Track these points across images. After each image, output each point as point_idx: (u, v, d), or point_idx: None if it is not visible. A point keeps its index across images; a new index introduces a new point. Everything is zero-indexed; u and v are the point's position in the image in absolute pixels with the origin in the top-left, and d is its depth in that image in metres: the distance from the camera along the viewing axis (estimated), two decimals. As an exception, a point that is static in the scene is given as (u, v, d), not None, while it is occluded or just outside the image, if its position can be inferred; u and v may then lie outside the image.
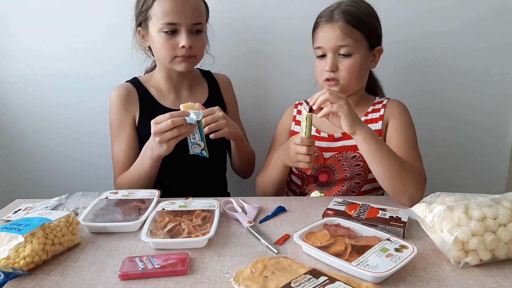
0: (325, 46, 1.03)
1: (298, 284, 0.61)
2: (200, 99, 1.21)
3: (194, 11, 1.07)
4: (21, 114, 1.44)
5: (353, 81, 1.05)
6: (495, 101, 1.45)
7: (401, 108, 1.09)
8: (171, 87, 1.18)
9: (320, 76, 1.07)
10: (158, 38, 1.07)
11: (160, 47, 1.08)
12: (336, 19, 1.02)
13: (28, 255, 0.68)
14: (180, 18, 1.04)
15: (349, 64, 1.03)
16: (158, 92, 1.18)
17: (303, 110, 0.94)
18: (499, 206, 0.71)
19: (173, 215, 0.85)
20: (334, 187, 1.11)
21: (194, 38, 1.08)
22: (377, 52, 1.08)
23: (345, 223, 0.80)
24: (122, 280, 0.66)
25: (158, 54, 1.11)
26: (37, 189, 1.50)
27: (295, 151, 0.96)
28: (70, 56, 1.39)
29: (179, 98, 1.19)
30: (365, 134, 0.91)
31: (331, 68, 1.03)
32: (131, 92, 1.15)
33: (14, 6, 1.34)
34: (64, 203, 0.99)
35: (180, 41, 1.06)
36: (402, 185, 0.93)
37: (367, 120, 1.09)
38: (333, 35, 1.02)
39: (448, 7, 1.36)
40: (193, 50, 1.08)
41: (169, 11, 1.03)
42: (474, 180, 1.53)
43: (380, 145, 0.92)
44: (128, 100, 1.14)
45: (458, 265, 0.69)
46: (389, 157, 0.92)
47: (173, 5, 1.03)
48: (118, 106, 1.14)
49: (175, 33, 1.06)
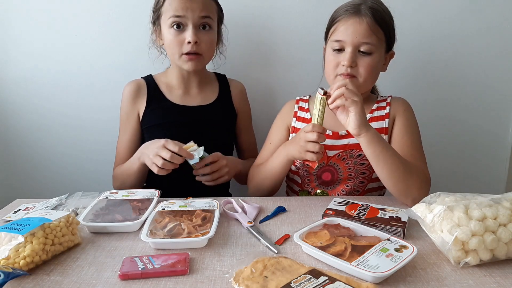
0: (346, 40, 0.99)
1: (298, 284, 0.61)
2: (208, 99, 1.23)
3: (202, 6, 1.09)
4: (22, 114, 1.44)
5: (368, 81, 1.03)
6: (495, 101, 1.45)
7: (405, 105, 1.09)
8: (182, 83, 1.21)
9: (334, 70, 1.03)
10: (168, 35, 1.10)
11: (169, 43, 1.11)
12: (364, 14, 0.99)
13: (28, 255, 0.68)
14: (187, 11, 1.07)
15: (369, 62, 1.00)
16: (168, 88, 1.22)
17: (317, 94, 0.92)
18: (499, 206, 0.71)
19: (173, 215, 0.85)
20: (338, 186, 1.10)
21: (201, 34, 1.09)
22: (389, 56, 1.08)
23: (345, 223, 0.80)
24: (122, 280, 0.66)
25: (168, 52, 1.15)
26: (37, 189, 1.50)
27: (305, 139, 0.92)
28: (70, 56, 1.38)
29: (187, 94, 1.22)
30: (370, 137, 0.90)
31: (350, 63, 0.99)
32: (140, 87, 1.20)
33: (14, 6, 1.34)
34: (64, 203, 0.98)
35: (186, 37, 1.08)
36: (406, 188, 0.93)
37: (373, 117, 1.08)
38: (359, 30, 0.98)
39: (450, 12, 1.36)
40: (199, 47, 1.09)
41: (176, 5, 1.07)
42: (474, 180, 1.53)
43: (385, 148, 0.91)
44: (137, 94, 1.20)
45: (458, 265, 0.69)
46: (394, 160, 0.91)
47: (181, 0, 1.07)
48: (127, 100, 1.20)
49: (183, 29, 1.08)
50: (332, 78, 1.05)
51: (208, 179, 1.08)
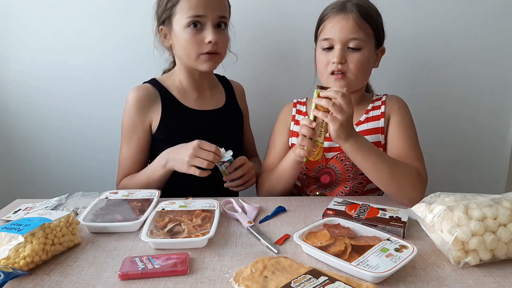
0: (334, 37, 1.00)
1: (298, 284, 0.61)
2: (219, 102, 1.21)
3: (220, 4, 1.06)
4: (22, 114, 1.44)
5: (359, 77, 1.03)
6: (495, 101, 1.45)
7: (400, 104, 1.09)
8: (194, 86, 1.16)
9: (325, 69, 1.03)
10: (184, 34, 1.04)
11: (186, 44, 1.05)
12: (350, 10, 0.99)
13: (28, 255, 0.68)
14: (207, 11, 1.03)
15: (358, 58, 1.00)
16: (180, 93, 1.15)
17: (315, 93, 0.91)
18: (499, 206, 0.71)
19: (173, 215, 0.85)
20: (337, 188, 1.10)
21: (220, 33, 1.07)
22: (380, 52, 1.08)
23: (345, 223, 0.80)
24: (122, 280, 0.66)
25: (182, 53, 1.08)
26: (37, 189, 1.50)
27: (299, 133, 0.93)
28: (71, 57, 1.39)
29: (201, 97, 1.18)
30: (349, 147, 0.90)
31: (340, 60, 0.99)
32: (152, 94, 1.11)
33: (14, 7, 1.34)
34: (64, 203, 0.98)
35: (206, 36, 1.04)
36: (398, 188, 0.93)
37: (369, 117, 1.08)
38: (346, 26, 0.99)
39: (448, 7, 1.36)
40: (218, 46, 1.07)
41: (195, 4, 1.02)
42: (474, 180, 1.53)
43: (366, 156, 0.91)
44: (147, 103, 1.11)
45: (458, 265, 0.69)
46: (378, 165, 0.92)
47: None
48: (135, 108, 1.10)
49: (201, 29, 1.04)
50: (325, 77, 1.05)
51: (239, 183, 1.05)
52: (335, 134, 0.88)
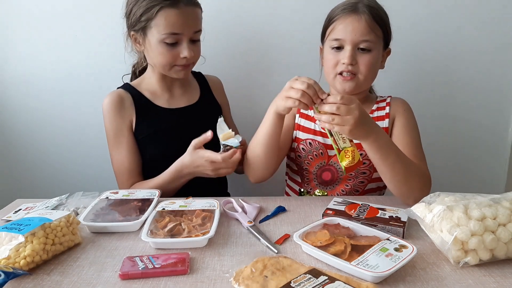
0: (345, 38, 0.99)
1: (298, 283, 0.61)
2: (192, 98, 1.22)
3: (195, 21, 1.07)
4: (22, 114, 1.44)
5: (369, 78, 1.03)
6: (494, 101, 1.45)
7: (405, 106, 1.10)
8: (165, 87, 1.19)
9: (333, 69, 1.02)
10: (159, 48, 1.05)
11: (161, 57, 1.07)
12: (362, 12, 0.99)
13: (29, 255, 0.68)
14: (184, 29, 1.04)
15: (368, 59, 1.00)
16: (152, 94, 1.17)
17: (314, 111, 0.87)
18: (498, 206, 0.71)
19: (173, 215, 0.85)
20: (338, 186, 1.10)
21: (194, 47, 1.08)
22: (386, 53, 1.08)
23: (344, 223, 0.81)
24: (122, 279, 0.66)
25: (156, 62, 1.10)
26: (38, 189, 1.50)
27: (290, 85, 0.86)
28: (70, 57, 1.39)
29: (172, 97, 1.20)
30: (368, 146, 0.88)
31: (350, 61, 0.99)
32: (124, 97, 1.14)
33: (14, 7, 1.35)
34: (65, 203, 0.99)
35: (182, 52, 1.06)
36: (408, 190, 0.93)
37: (373, 117, 1.08)
38: (358, 28, 0.98)
39: (449, 9, 1.36)
40: (193, 59, 1.09)
41: (173, 22, 1.02)
42: (474, 180, 1.53)
43: (385, 155, 0.89)
44: (122, 105, 1.13)
45: (458, 265, 0.69)
46: (395, 165, 0.90)
47: (178, 17, 1.03)
48: (113, 112, 1.12)
49: (176, 45, 1.06)
50: (332, 77, 1.04)
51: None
52: (352, 137, 0.86)
